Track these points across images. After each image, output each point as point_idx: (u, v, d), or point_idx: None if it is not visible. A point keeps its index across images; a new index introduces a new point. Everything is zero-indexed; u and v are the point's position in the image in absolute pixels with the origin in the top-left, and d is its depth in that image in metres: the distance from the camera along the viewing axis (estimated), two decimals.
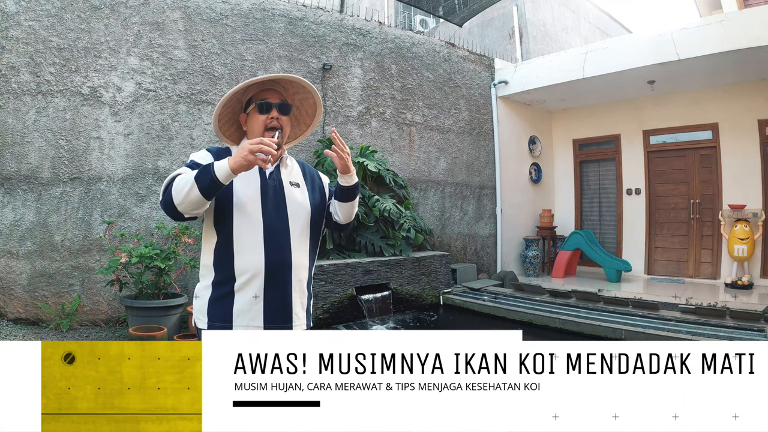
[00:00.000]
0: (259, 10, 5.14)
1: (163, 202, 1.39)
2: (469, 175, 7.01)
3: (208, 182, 1.32)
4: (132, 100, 4.42)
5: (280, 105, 1.56)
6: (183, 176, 1.37)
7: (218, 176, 1.31)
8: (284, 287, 1.51)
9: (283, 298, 1.52)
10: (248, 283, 1.46)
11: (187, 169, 1.41)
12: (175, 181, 1.37)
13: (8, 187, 4.00)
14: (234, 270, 1.46)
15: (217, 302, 1.48)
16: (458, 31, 8.87)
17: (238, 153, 1.32)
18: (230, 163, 1.31)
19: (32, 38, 4.05)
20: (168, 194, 1.37)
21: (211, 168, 1.32)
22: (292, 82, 1.61)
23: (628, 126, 7.38)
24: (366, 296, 4.95)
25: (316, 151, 5.51)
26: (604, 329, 4.25)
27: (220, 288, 1.48)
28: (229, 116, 1.61)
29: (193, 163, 1.47)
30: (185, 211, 1.38)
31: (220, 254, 1.49)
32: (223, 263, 1.48)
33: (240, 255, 1.46)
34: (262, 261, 1.47)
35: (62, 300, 4.10)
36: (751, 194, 6.15)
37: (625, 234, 7.44)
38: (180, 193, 1.34)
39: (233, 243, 1.47)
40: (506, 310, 5.10)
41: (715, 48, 5.05)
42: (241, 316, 1.46)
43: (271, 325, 1.49)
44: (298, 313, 1.57)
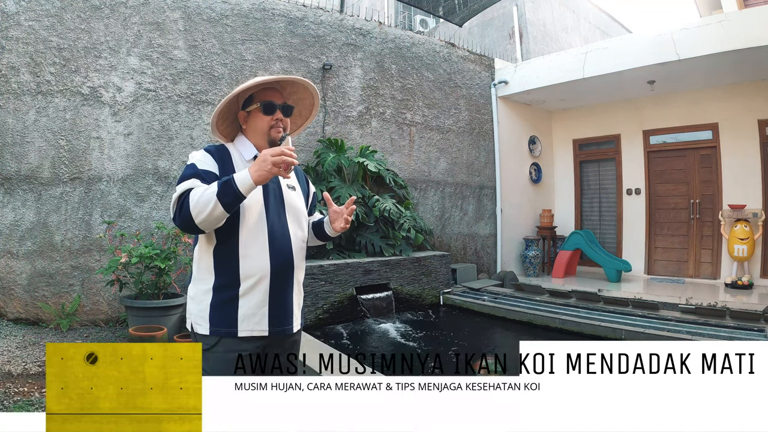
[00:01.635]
0: (259, 10, 5.14)
1: (181, 219, 1.34)
2: (469, 175, 7.01)
3: (232, 198, 1.30)
4: (132, 100, 4.42)
5: (284, 107, 1.56)
6: (197, 191, 1.33)
7: (242, 191, 1.30)
8: (287, 290, 1.52)
9: (286, 300, 1.53)
10: (254, 288, 1.45)
11: (197, 182, 1.38)
12: (191, 197, 1.33)
13: (8, 187, 4.00)
14: (239, 274, 1.44)
15: (220, 307, 1.45)
16: (458, 31, 8.87)
17: (261, 166, 1.30)
18: (254, 176, 1.30)
19: (32, 38, 4.05)
20: (186, 211, 1.32)
21: (233, 183, 1.30)
22: (294, 83, 1.59)
23: (628, 126, 7.38)
24: (366, 296, 4.95)
25: (316, 151, 5.51)
26: (604, 329, 4.25)
27: (224, 293, 1.45)
28: (225, 113, 1.58)
29: (197, 171, 1.43)
30: (206, 227, 1.36)
31: (223, 258, 1.46)
32: (227, 267, 1.45)
33: (246, 259, 1.45)
34: (269, 265, 1.46)
35: (62, 300, 4.10)
36: (751, 194, 6.15)
37: (625, 234, 7.44)
38: (202, 211, 1.30)
39: (239, 247, 1.44)
40: (506, 310, 5.10)
41: (715, 48, 5.05)
42: (246, 321, 1.45)
43: (275, 329, 1.49)
44: (296, 314, 1.58)
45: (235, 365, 1.44)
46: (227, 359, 1.43)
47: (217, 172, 1.46)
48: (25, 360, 3.28)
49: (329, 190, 5.34)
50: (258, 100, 1.54)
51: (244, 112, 1.57)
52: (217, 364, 1.44)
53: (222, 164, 1.49)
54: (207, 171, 1.44)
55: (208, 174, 1.43)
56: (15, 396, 2.74)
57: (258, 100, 1.54)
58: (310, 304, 4.59)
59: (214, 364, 1.44)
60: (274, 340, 1.51)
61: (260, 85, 1.53)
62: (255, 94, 1.55)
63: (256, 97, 1.55)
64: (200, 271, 1.50)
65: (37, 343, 3.61)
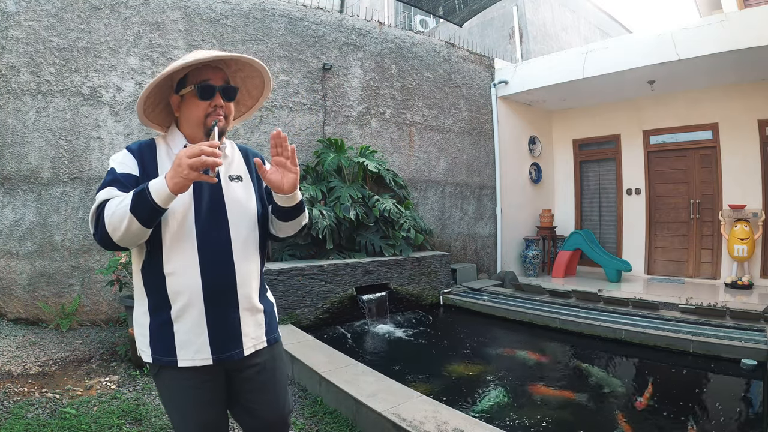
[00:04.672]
0: (259, 10, 5.14)
1: (99, 236, 1.12)
2: (469, 175, 7.01)
3: (147, 212, 1.08)
4: (132, 100, 4.42)
5: (224, 88, 1.28)
6: (113, 202, 1.12)
7: (159, 203, 1.08)
8: (230, 309, 1.26)
9: (231, 322, 1.27)
10: (186, 310, 1.21)
11: (114, 191, 1.16)
12: (106, 210, 1.11)
13: (8, 187, 4.00)
14: (167, 294, 1.21)
15: (158, 332, 1.23)
16: (458, 31, 8.87)
17: (176, 171, 1.06)
18: (169, 185, 1.07)
19: (32, 38, 4.05)
20: (101, 228, 1.11)
21: (147, 194, 1.07)
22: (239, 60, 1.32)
23: (628, 126, 7.38)
24: (366, 296, 4.95)
25: (316, 151, 5.51)
26: (604, 329, 4.25)
27: (157, 316, 1.23)
28: (157, 96, 1.31)
29: (115, 175, 1.20)
30: (128, 244, 1.15)
31: (149, 274, 1.23)
32: (154, 286, 1.23)
33: (172, 276, 1.21)
34: (199, 282, 1.21)
35: (62, 300, 4.10)
36: (751, 194, 6.15)
37: (625, 234, 7.44)
38: (117, 228, 1.09)
39: (163, 261, 1.20)
40: (506, 310, 5.10)
41: (715, 48, 5.05)
42: (185, 349, 1.22)
43: (221, 355, 1.25)
44: (249, 334, 1.31)
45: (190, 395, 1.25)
46: (175, 388, 1.26)
47: (136, 173, 1.23)
48: (25, 360, 3.28)
49: (329, 190, 5.34)
50: (193, 82, 1.26)
51: (178, 97, 1.28)
52: (165, 393, 1.28)
53: (143, 164, 1.24)
54: (126, 174, 1.21)
55: (127, 177, 1.20)
56: (15, 396, 2.74)
57: (193, 82, 1.26)
58: (310, 304, 4.59)
59: (163, 393, 1.30)
60: (228, 366, 1.29)
61: (195, 63, 1.23)
62: (190, 74, 1.27)
63: (191, 77, 1.26)
64: (136, 291, 1.29)
65: (37, 343, 3.61)
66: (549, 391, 3.14)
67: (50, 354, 3.44)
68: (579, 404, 2.97)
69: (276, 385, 1.39)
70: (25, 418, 2.46)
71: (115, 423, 2.47)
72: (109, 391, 2.92)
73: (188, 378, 1.24)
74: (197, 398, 1.25)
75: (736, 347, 3.55)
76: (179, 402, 1.26)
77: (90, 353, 3.54)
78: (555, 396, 3.07)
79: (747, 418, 2.71)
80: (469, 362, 3.76)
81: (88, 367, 3.31)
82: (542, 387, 3.21)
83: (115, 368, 3.32)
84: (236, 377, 1.33)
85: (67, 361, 3.38)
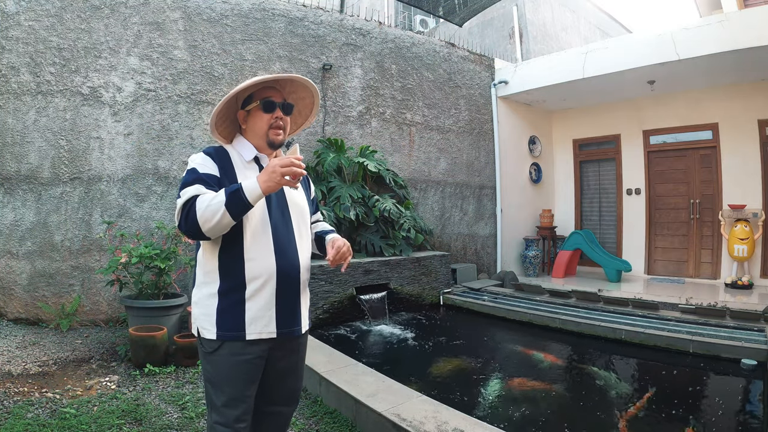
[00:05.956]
0: (259, 10, 5.14)
1: (187, 226, 1.34)
2: (469, 175, 7.01)
3: (241, 208, 1.31)
4: (132, 100, 4.41)
5: (284, 105, 1.55)
6: (204, 199, 1.32)
7: (251, 201, 1.31)
8: (294, 290, 1.51)
9: (294, 301, 1.52)
10: (261, 290, 1.44)
11: (201, 188, 1.36)
12: (197, 205, 1.32)
13: (8, 187, 4.00)
14: (245, 277, 1.43)
15: (227, 312, 1.43)
16: (458, 31, 8.87)
17: (270, 176, 1.29)
18: (262, 186, 1.30)
19: (32, 38, 4.05)
20: (192, 220, 1.32)
21: (242, 193, 1.30)
22: (294, 81, 1.59)
23: (628, 126, 7.39)
24: (366, 296, 4.95)
25: (316, 151, 5.51)
26: (604, 329, 4.25)
27: (230, 296, 1.44)
28: (224, 112, 1.56)
29: (199, 175, 1.41)
30: (213, 235, 1.36)
31: (229, 261, 1.44)
32: (233, 271, 1.44)
33: (251, 261, 1.43)
34: (275, 266, 1.45)
35: (62, 300, 4.10)
36: (751, 194, 6.16)
37: (625, 234, 7.44)
38: (209, 219, 1.30)
39: (244, 249, 1.43)
40: (506, 310, 5.10)
41: (715, 48, 5.05)
42: (254, 324, 1.44)
43: (283, 330, 1.48)
44: (304, 315, 1.58)
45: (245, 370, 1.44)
46: (232, 363, 1.43)
47: (218, 174, 1.44)
48: (25, 360, 3.28)
49: (329, 190, 5.34)
50: (257, 99, 1.53)
51: (244, 112, 1.56)
52: (221, 368, 1.44)
53: (222, 166, 1.47)
54: (209, 174, 1.42)
55: (210, 177, 1.42)
56: (15, 396, 2.74)
57: (257, 99, 1.53)
58: (311, 304, 4.57)
59: (218, 368, 1.45)
60: (281, 342, 1.51)
61: (260, 83, 1.51)
62: (254, 93, 1.54)
63: (256, 95, 1.54)
64: (204, 276, 1.48)
65: (37, 343, 3.61)
66: (549, 390, 3.14)
67: (50, 354, 3.44)
68: (579, 404, 2.97)
69: (297, 371, 1.64)
70: (25, 418, 2.46)
71: (115, 423, 2.47)
72: (109, 391, 2.92)
73: (248, 353, 1.43)
74: (250, 373, 1.45)
75: (736, 347, 3.55)
76: (235, 375, 1.44)
77: (90, 353, 3.54)
78: (555, 396, 3.07)
79: (747, 418, 2.72)
80: (469, 362, 3.76)
81: (88, 367, 3.31)
82: (542, 386, 3.21)
83: (115, 368, 3.32)
84: (272, 356, 1.52)
85: (67, 361, 3.38)
